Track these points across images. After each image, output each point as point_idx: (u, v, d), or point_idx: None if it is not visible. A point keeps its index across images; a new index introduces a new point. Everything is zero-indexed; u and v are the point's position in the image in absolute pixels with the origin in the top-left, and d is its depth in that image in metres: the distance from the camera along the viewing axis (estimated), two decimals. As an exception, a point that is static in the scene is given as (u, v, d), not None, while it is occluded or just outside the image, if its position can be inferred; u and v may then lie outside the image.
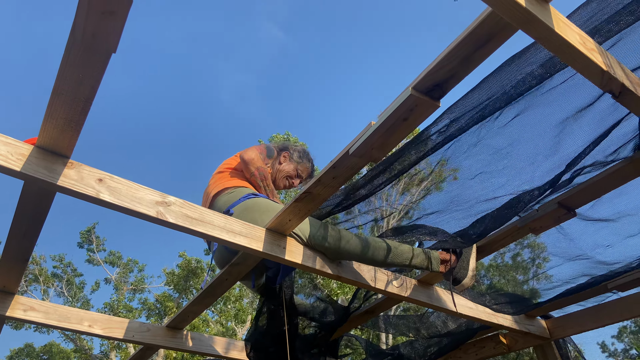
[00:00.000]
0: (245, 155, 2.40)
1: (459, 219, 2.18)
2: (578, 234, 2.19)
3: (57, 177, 1.54)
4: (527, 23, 1.16)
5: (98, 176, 1.62)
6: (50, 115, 1.41)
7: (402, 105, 1.43)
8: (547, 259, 2.73)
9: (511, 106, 1.73)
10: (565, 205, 1.98)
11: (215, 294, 2.40)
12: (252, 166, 2.37)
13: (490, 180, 2.01)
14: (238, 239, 1.88)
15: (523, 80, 1.58)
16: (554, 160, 1.85)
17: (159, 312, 21.37)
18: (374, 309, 2.82)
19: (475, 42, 1.27)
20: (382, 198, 3.14)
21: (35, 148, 1.53)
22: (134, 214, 1.68)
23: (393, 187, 2.46)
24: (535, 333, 2.93)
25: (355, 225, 2.54)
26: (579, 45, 1.22)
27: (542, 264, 2.90)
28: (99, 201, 1.61)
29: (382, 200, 3.38)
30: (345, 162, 1.66)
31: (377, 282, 2.27)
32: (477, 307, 2.64)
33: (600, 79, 1.31)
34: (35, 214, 1.75)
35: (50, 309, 2.39)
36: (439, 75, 1.37)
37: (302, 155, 2.81)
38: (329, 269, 2.11)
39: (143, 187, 1.71)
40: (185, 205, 1.79)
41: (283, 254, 1.99)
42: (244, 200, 2.17)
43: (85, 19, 1.14)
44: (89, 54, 1.22)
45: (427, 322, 3.06)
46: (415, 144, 1.76)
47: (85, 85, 1.31)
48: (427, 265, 2.21)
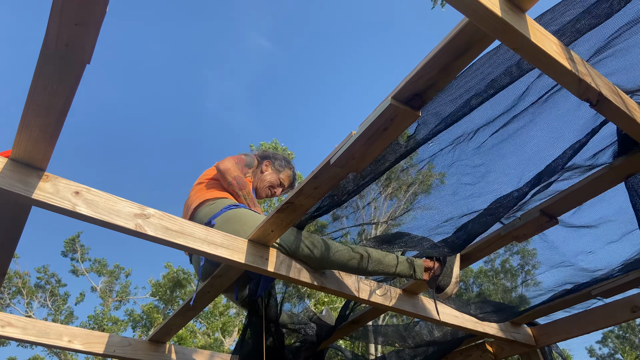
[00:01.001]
0: (221, 165, 2.38)
1: (440, 227, 2.18)
2: (560, 241, 2.20)
3: (32, 190, 1.50)
4: (504, 33, 1.17)
5: (74, 189, 1.59)
6: (24, 127, 1.39)
7: (382, 115, 1.43)
8: (537, 265, 2.74)
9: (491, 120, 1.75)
10: (547, 213, 1.99)
11: (198, 307, 2.36)
12: (228, 176, 2.35)
13: (473, 186, 2.01)
14: (219, 250, 1.85)
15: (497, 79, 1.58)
16: (534, 165, 1.86)
17: (145, 324, 21.10)
18: (360, 319, 2.80)
19: (454, 51, 1.27)
20: (371, 205, 3.13)
21: (9, 161, 1.49)
22: (112, 226, 1.65)
23: (380, 193, 2.45)
24: (521, 341, 2.93)
25: (341, 232, 2.53)
26: (556, 54, 1.23)
27: (531, 270, 2.91)
28: (76, 214, 1.58)
29: (371, 208, 3.37)
30: (326, 172, 1.65)
31: (361, 292, 2.26)
32: (463, 315, 2.63)
33: (577, 87, 1.31)
34: (11, 228, 1.71)
35: (29, 324, 2.34)
36: (419, 85, 1.37)
37: (284, 164, 2.80)
38: (312, 279, 2.09)
39: (121, 199, 1.69)
40: (165, 217, 1.76)
41: (265, 265, 1.96)
42: (225, 212, 2.15)
43: (58, 29, 1.12)
44: (62, 65, 1.20)
45: (413, 331, 3.05)
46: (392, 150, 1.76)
47: (60, 96, 1.29)
48: (411, 273, 2.20)
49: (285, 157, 2.88)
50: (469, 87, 1.57)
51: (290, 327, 2.72)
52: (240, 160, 2.50)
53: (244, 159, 2.55)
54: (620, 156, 1.74)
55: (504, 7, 1.14)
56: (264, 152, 2.84)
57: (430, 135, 1.67)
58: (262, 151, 2.88)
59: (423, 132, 1.68)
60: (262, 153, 2.82)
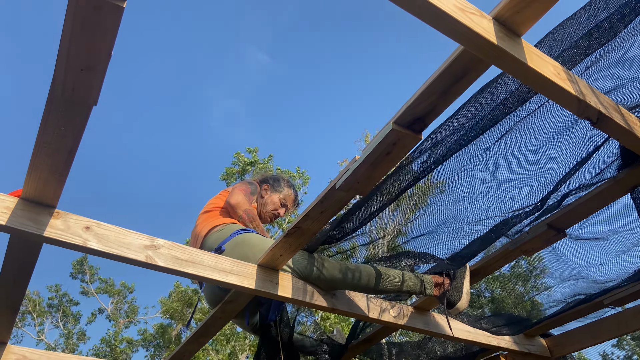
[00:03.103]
0: (231, 199, 2.40)
1: (447, 241, 2.18)
2: (570, 254, 2.20)
3: (43, 228, 1.53)
4: (500, 59, 1.19)
5: (85, 224, 1.62)
6: (34, 167, 1.41)
7: (384, 139, 1.45)
8: (546, 270, 2.73)
9: (494, 129, 1.75)
10: (555, 227, 1.99)
11: (209, 332, 2.37)
12: (239, 210, 2.37)
13: (477, 202, 2.02)
14: (229, 277, 1.87)
15: (500, 104, 1.60)
16: (539, 182, 1.86)
17: (158, 344, 21.05)
18: (372, 338, 2.79)
19: (452, 77, 1.29)
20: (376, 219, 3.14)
21: (20, 200, 1.52)
22: (124, 260, 1.67)
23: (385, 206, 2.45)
24: (535, 353, 2.90)
25: (347, 249, 2.53)
26: (553, 76, 1.24)
27: (538, 281, 2.90)
28: (88, 250, 1.60)
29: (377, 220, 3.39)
30: (332, 196, 1.67)
31: (372, 312, 2.26)
32: (475, 330, 2.62)
33: (576, 107, 1.33)
34: (23, 264, 1.74)
35: (43, 356, 2.36)
36: (419, 110, 1.39)
37: (283, 184, 2.81)
38: (323, 301, 2.10)
39: (131, 231, 1.71)
40: (174, 247, 1.78)
41: (276, 290, 1.97)
42: (234, 237, 2.17)
43: (65, 75, 1.15)
44: (70, 107, 1.23)
45: (427, 347, 3.03)
46: (399, 176, 1.77)
47: (68, 138, 1.32)
48: (421, 290, 2.20)
49: (282, 176, 2.89)
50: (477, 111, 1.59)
51: (303, 350, 2.72)
52: (246, 191, 2.53)
53: (249, 188, 2.58)
54: (625, 169, 1.75)
55: (499, 34, 1.16)
56: (262, 176, 2.85)
57: (441, 159, 1.69)
58: (261, 174, 2.90)
59: (435, 156, 1.71)
60: (261, 177, 2.84)
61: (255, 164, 17.18)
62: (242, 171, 17.15)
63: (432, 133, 1.71)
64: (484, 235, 2.06)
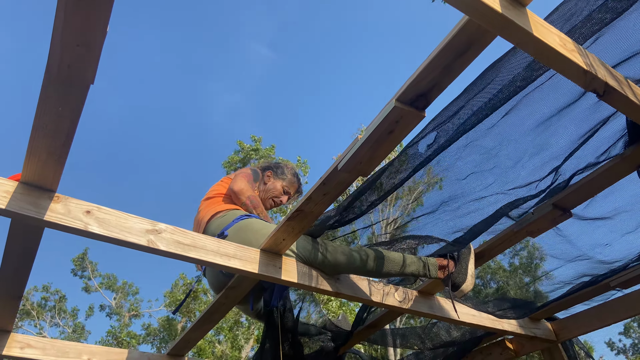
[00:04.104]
0: (234, 186, 2.38)
1: (449, 220, 2.16)
2: (576, 234, 2.18)
3: (43, 212, 1.52)
4: (505, 28, 1.16)
5: (86, 208, 1.60)
6: (33, 150, 1.40)
7: (387, 117, 1.42)
8: (544, 258, 2.71)
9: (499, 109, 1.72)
10: (560, 207, 1.97)
11: (214, 319, 2.36)
12: (242, 196, 2.35)
13: (480, 180, 1.99)
14: (232, 262, 1.85)
15: (510, 83, 1.57)
16: (543, 158, 1.84)
17: (164, 337, 21.17)
18: (376, 323, 2.78)
19: (455, 50, 1.26)
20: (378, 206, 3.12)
21: (19, 184, 1.50)
22: (125, 244, 1.66)
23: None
24: (541, 336, 2.89)
25: (348, 233, 2.51)
26: (559, 47, 1.21)
27: (540, 263, 2.87)
28: (88, 233, 1.59)
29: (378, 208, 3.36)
30: (334, 178, 1.65)
31: (376, 296, 2.24)
32: (480, 314, 2.60)
33: (583, 79, 1.30)
34: (25, 250, 1.73)
35: (48, 344, 2.35)
36: (422, 86, 1.36)
37: (286, 171, 2.79)
38: (327, 285, 2.08)
39: (132, 216, 1.69)
40: (177, 232, 1.77)
41: (279, 274, 1.96)
42: (237, 222, 2.15)
43: (60, 52, 1.13)
44: (66, 87, 1.21)
45: (432, 332, 3.03)
46: (404, 159, 1.74)
47: (66, 119, 1.30)
48: (425, 272, 2.18)
49: (287, 164, 2.87)
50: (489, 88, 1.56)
51: (308, 335, 2.71)
52: (249, 177, 2.50)
53: (251, 175, 2.55)
54: (631, 145, 1.72)
55: (503, 3, 1.13)
56: (265, 163, 2.84)
57: (448, 142, 1.66)
58: (264, 162, 2.88)
59: (442, 139, 1.68)
60: (264, 164, 2.83)
61: (258, 151, 17.19)
62: (244, 159, 17.15)
63: (439, 114, 1.68)
64: (488, 218, 2.04)
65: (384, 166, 1.83)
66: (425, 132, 1.67)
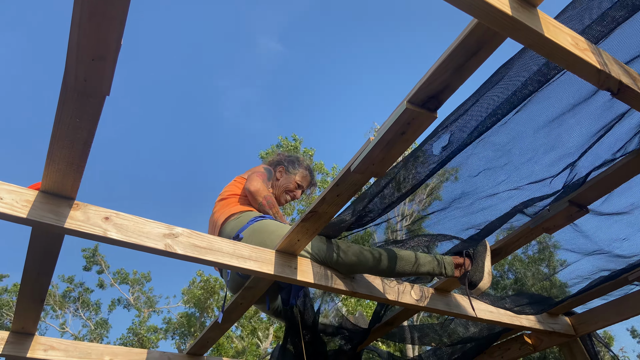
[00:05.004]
0: (251, 186, 2.38)
1: (462, 216, 2.15)
2: (593, 229, 2.16)
3: (63, 219, 1.55)
4: (516, 30, 1.15)
5: (104, 214, 1.63)
6: (52, 160, 1.43)
7: (398, 119, 1.43)
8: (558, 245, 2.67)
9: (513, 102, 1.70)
10: (577, 203, 1.95)
11: (232, 318, 2.39)
12: (259, 197, 2.34)
13: (492, 176, 1.98)
14: (248, 263, 1.88)
15: (523, 85, 1.56)
16: (557, 155, 1.82)
17: (183, 332, 21.44)
18: (393, 321, 2.79)
19: (466, 52, 1.26)
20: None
21: (39, 193, 1.54)
22: (143, 249, 1.69)
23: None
24: (560, 331, 2.87)
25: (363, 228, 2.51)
26: (571, 47, 1.20)
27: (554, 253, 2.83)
28: (108, 239, 1.62)
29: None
30: (347, 179, 1.66)
31: (392, 294, 2.25)
32: (498, 310, 2.60)
33: (596, 78, 1.28)
34: (46, 256, 1.77)
35: (70, 346, 2.41)
36: (433, 88, 1.36)
37: (297, 165, 2.76)
38: (343, 285, 2.09)
39: (149, 220, 1.72)
40: (193, 235, 1.79)
41: (295, 275, 1.98)
42: (251, 224, 2.17)
43: (76, 65, 1.15)
44: (83, 99, 1.24)
45: (449, 328, 3.03)
46: (418, 160, 1.75)
47: (83, 130, 1.33)
48: (441, 271, 2.18)
49: (298, 157, 2.84)
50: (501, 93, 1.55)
51: (326, 333, 2.73)
52: (263, 176, 2.50)
53: (265, 173, 2.55)
54: (648, 140, 1.70)
55: (513, 5, 1.12)
56: (276, 159, 2.81)
57: (463, 144, 1.66)
58: (276, 156, 2.85)
59: (457, 141, 1.67)
60: (275, 159, 2.80)
61: (297, 149, 17.38)
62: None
63: (452, 114, 1.68)
64: (503, 215, 2.04)
65: (398, 168, 1.83)
66: (440, 133, 1.67)
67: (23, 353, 2.24)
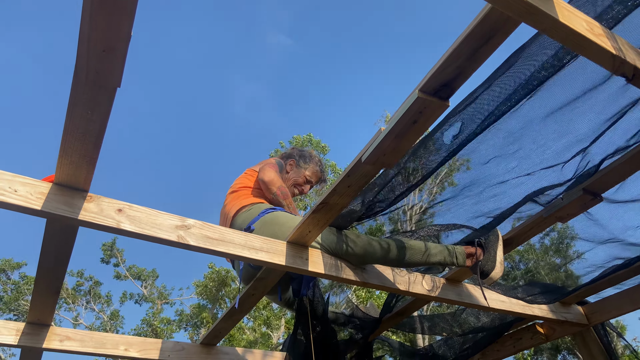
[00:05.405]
0: (265, 177, 2.37)
1: (472, 204, 2.13)
2: (607, 217, 2.13)
3: (77, 211, 1.56)
4: (530, 15, 1.13)
5: (117, 206, 1.64)
6: (65, 153, 1.44)
7: (410, 108, 1.41)
8: (575, 237, 2.65)
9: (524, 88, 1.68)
10: (591, 191, 1.93)
11: (244, 309, 2.41)
12: (273, 187, 2.34)
13: (503, 163, 1.96)
14: (260, 255, 1.88)
15: (539, 69, 1.53)
16: (569, 141, 1.80)
17: (195, 323, 21.65)
18: (404, 311, 2.80)
19: (479, 38, 1.24)
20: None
21: (53, 185, 1.55)
22: (156, 240, 1.70)
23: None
24: (572, 320, 2.86)
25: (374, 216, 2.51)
26: (586, 32, 1.18)
27: (571, 243, 2.81)
28: (121, 231, 1.63)
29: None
30: (358, 170, 1.65)
31: (404, 285, 2.25)
32: (510, 300, 2.59)
33: (611, 64, 1.26)
34: (61, 248, 1.78)
35: (86, 336, 2.44)
36: (445, 75, 1.35)
37: (308, 160, 2.75)
38: (354, 276, 2.10)
39: (162, 212, 1.73)
40: (205, 227, 1.80)
41: (306, 266, 1.98)
42: (262, 216, 2.18)
43: (87, 57, 1.15)
44: (94, 91, 1.24)
45: (460, 318, 3.02)
46: (429, 149, 1.73)
47: (95, 122, 1.33)
48: (453, 261, 2.17)
49: (310, 151, 2.84)
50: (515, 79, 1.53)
51: (337, 323, 2.74)
52: (276, 168, 2.50)
53: (277, 165, 2.54)
54: (663, 126, 1.67)
55: (527, -10, 1.10)
56: (288, 152, 2.82)
57: (474, 134, 1.64)
58: (288, 149, 2.86)
59: (468, 130, 1.66)
60: (287, 152, 2.81)
61: (311, 142, 17.59)
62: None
63: (462, 101, 1.66)
64: (515, 204, 2.02)
65: (409, 158, 1.82)
66: (451, 121, 1.65)
67: (39, 344, 2.27)
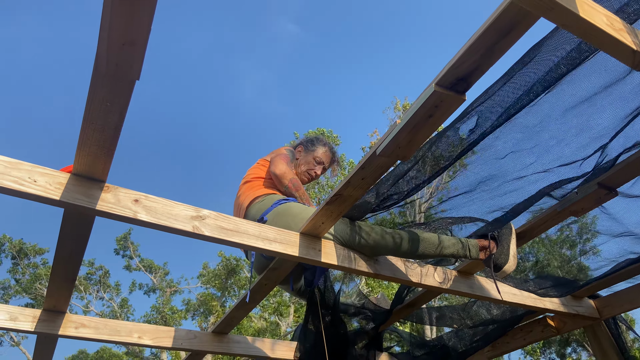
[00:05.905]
0: (276, 169, 2.38)
1: (488, 199, 2.13)
2: (621, 212, 2.12)
3: (95, 201, 1.58)
4: (550, 10, 1.13)
5: (134, 197, 1.66)
6: (83, 144, 1.46)
7: (426, 102, 1.41)
8: (595, 235, 2.64)
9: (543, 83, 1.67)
10: (606, 185, 1.92)
11: (256, 299, 2.43)
12: (285, 179, 2.35)
13: (520, 159, 1.95)
14: (273, 245, 1.90)
15: (556, 66, 1.52)
16: (588, 137, 1.79)
17: (204, 312, 21.87)
18: (415, 302, 2.81)
19: (498, 32, 1.23)
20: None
21: (71, 176, 1.57)
22: (172, 230, 1.72)
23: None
24: (584, 314, 2.86)
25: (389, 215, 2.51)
26: (607, 27, 1.17)
27: (590, 239, 2.79)
28: (137, 221, 1.65)
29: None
30: (373, 162, 1.66)
31: (416, 276, 2.26)
32: (522, 292, 2.59)
33: (631, 59, 1.25)
34: (78, 237, 1.81)
35: (100, 323, 2.48)
36: (462, 69, 1.34)
37: (316, 142, 2.75)
38: (366, 267, 2.11)
39: (177, 203, 1.75)
40: (220, 217, 1.82)
41: (319, 257, 2.00)
42: (275, 207, 2.19)
43: (107, 50, 1.16)
44: (113, 83, 1.25)
45: (471, 310, 3.03)
46: (445, 142, 1.73)
47: (114, 113, 1.35)
48: (466, 253, 2.18)
49: (317, 135, 2.84)
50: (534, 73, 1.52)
51: (348, 314, 2.76)
52: (286, 159, 2.51)
53: (288, 156, 2.55)
54: (682, 121, 1.65)
55: (548, -16, 1.09)
56: (297, 141, 2.84)
57: (491, 128, 1.63)
58: (297, 139, 2.90)
59: (484, 125, 1.65)
60: (296, 142, 2.83)
61: (324, 133, 17.69)
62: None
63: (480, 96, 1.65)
64: (529, 197, 2.01)
65: (424, 151, 1.81)
66: (468, 115, 1.65)
67: (55, 330, 2.32)
